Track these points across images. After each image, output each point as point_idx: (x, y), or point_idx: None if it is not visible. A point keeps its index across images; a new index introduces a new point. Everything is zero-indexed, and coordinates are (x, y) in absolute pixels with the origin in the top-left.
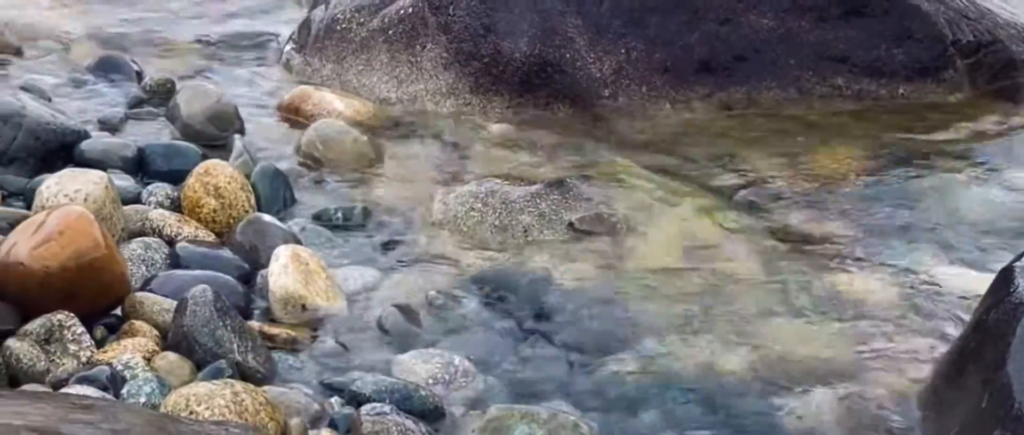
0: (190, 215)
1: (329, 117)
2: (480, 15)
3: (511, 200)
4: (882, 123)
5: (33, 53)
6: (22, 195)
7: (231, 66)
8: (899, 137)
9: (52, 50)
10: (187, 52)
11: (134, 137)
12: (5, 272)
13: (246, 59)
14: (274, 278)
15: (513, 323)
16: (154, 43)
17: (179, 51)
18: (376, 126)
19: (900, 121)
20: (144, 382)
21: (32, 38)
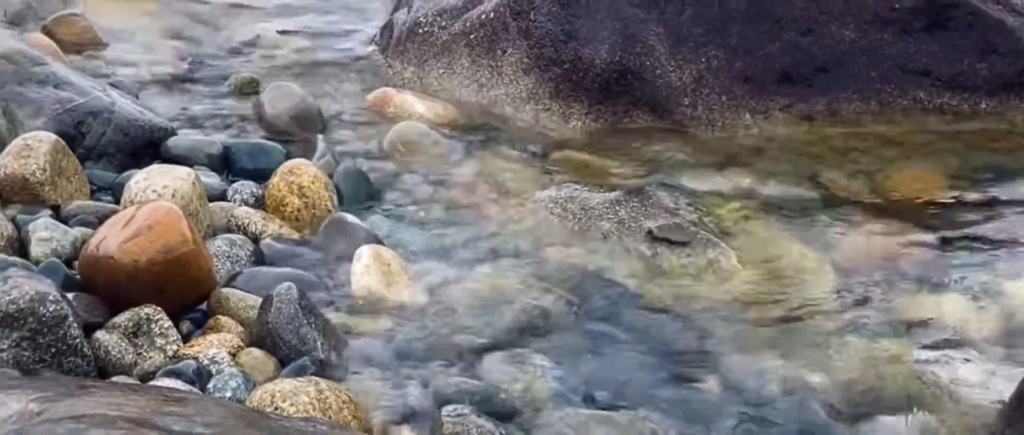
0: (274, 213)
1: (410, 119)
2: (561, 21)
3: (590, 206)
4: (964, 139)
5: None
6: (110, 190)
7: (314, 66)
8: (982, 153)
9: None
10: (271, 51)
11: (219, 135)
12: (95, 265)
13: (329, 60)
14: (356, 277)
15: (591, 328)
16: (239, 41)
17: (264, 50)
18: (456, 129)
19: (982, 137)
20: (230, 377)
21: (119, 34)
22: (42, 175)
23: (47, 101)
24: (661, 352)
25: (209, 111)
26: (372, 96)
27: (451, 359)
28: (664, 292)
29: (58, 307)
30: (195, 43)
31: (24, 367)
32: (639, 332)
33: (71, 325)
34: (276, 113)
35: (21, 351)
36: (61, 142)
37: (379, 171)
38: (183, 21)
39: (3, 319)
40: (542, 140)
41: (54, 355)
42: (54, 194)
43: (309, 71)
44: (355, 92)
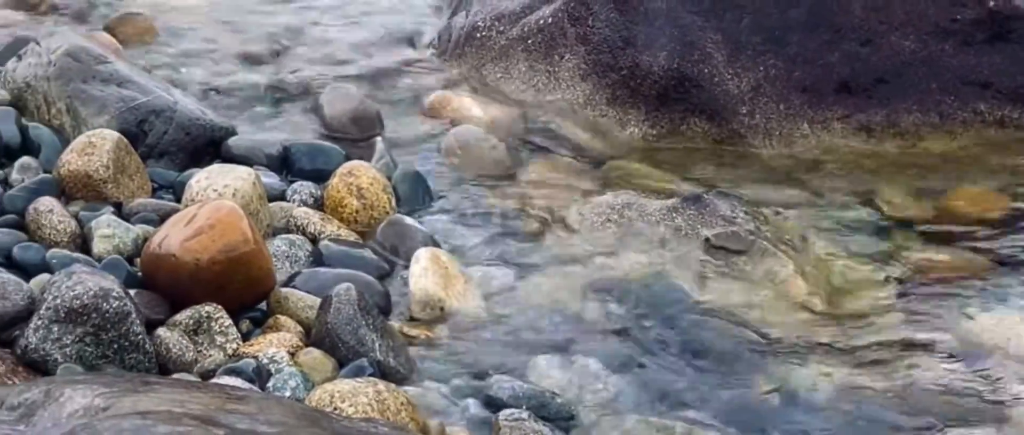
0: (333, 214)
1: (468, 123)
2: (619, 27)
3: (647, 212)
4: None
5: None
6: (172, 188)
7: (373, 68)
8: None
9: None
10: (330, 51)
11: (279, 135)
12: (157, 263)
13: (388, 62)
14: (414, 279)
15: (647, 334)
16: (298, 41)
17: (322, 50)
18: (513, 133)
19: None
20: (289, 376)
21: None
22: (105, 172)
23: (110, 99)
24: (718, 360)
25: (269, 110)
26: (430, 99)
27: (508, 363)
28: (721, 300)
29: (121, 303)
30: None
31: (87, 362)
32: (696, 340)
33: (134, 321)
34: (335, 114)
35: (84, 346)
36: (124, 140)
37: (436, 174)
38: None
39: (67, 314)
40: (599, 146)
41: (116, 351)
42: (117, 191)
43: (368, 73)
44: (413, 95)
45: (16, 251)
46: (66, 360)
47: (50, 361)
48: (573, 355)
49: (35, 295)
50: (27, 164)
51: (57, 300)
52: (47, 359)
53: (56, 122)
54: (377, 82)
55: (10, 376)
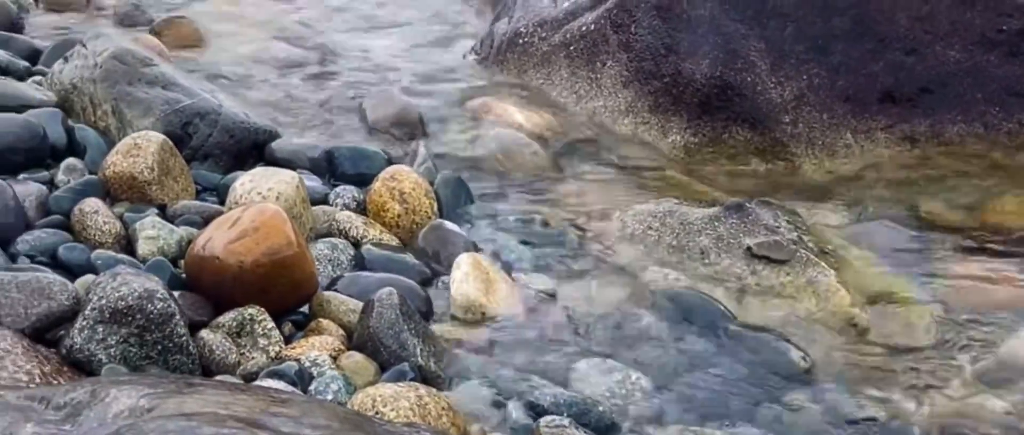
0: (375, 218)
1: (509, 128)
2: (662, 35)
3: (689, 221)
4: None
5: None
6: (215, 190)
7: (416, 72)
8: None
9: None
10: (373, 56)
11: (321, 138)
12: (201, 265)
13: (430, 67)
14: (455, 285)
15: (688, 344)
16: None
17: (365, 54)
18: (555, 140)
19: None
20: (331, 380)
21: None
22: (150, 174)
23: (156, 101)
24: (758, 371)
25: (311, 114)
26: (472, 104)
27: (549, 370)
28: (762, 310)
29: (165, 305)
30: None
31: (131, 363)
32: (737, 350)
33: (178, 323)
34: (377, 118)
35: (128, 347)
36: (169, 142)
37: (478, 179)
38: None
39: (112, 315)
40: (640, 153)
41: (160, 352)
42: (161, 193)
43: (410, 78)
44: (455, 100)
45: (61, 251)
46: (110, 361)
47: (94, 361)
48: (614, 364)
49: (80, 295)
50: (73, 165)
51: (102, 301)
52: (92, 359)
53: (102, 124)
54: (419, 87)
55: (55, 376)
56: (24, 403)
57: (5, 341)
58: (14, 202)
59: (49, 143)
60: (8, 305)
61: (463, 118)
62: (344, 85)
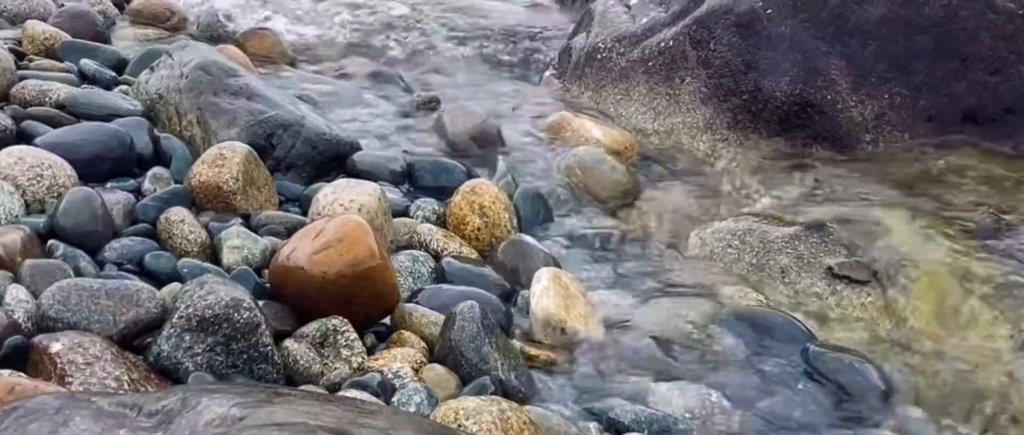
0: (455, 231)
1: (587, 144)
2: (741, 51)
3: (769, 240)
4: None
5: (307, 64)
6: (298, 201)
7: (494, 86)
8: None
9: (325, 62)
10: (452, 69)
11: (402, 151)
12: (285, 275)
13: (508, 80)
14: (535, 299)
15: (768, 364)
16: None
17: (445, 68)
18: (633, 156)
19: None
20: (413, 392)
21: (306, 49)
22: (235, 184)
23: (240, 112)
24: (838, 393)
25: (392, 127)
26: (550, 119)
27: (628, 387)
28: (843, 331)
29: (252, 314)
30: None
31: (217, 372)
32: (817, 371)
33: (263, 333)
34: (457, 132)
35: (214, 356)
36: (253, 153)
37: (556, 194)
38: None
39: (199, 324)
40: (719, 171)
41: (246, 361)
42: (245, 203)
43: (488, 92)
44: (533, 115)
45: (148, 259)
46: (197, 369)
47: (181, 369)
48: (693, 383)
49: (167, 303)
50: (159, 174)
51: (189, 309)
52: (178, 367)
53: (187, 133)
54: (498, 101)
55: (143, 383)
56: (116, 409)
57: (95, 347)
58: (102, 210)
59: (136, 152)
60: (97, 312)
61: (541, 133)
62: (424, 97)
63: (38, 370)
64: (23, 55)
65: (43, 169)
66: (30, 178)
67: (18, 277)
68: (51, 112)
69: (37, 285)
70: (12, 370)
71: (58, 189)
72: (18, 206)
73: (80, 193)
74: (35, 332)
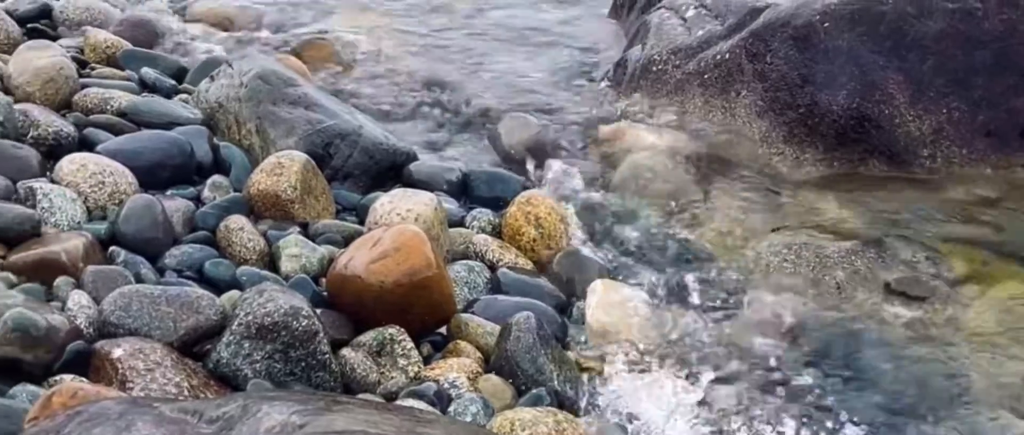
0: (510, 242)
1: (643, 155)
2: (798, 65)
3: (825, 254)
4: None
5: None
6: (355, 210)
7: (550, 97)
8: None
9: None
10: (507, 80)
11: (457, 161)
12: (342, 284)
13: (564, 91)
14: (590, 311)
15: (825, 377)
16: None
17: (500, 78)
18: (688, 168)
19: None
20: (470, 402)
21: (363, 58)
22: (293, 193)
23: (298, 121)
24: (895, 409)
25: (448, 136)
26: (605, 131)
27: (681, 398)
28: (901, 347)
29: (310, 322)
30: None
31: (275, 379)
32: (875, 386)
33: (321, 341)
34: (512, 142)
35: (273, 363)
36: (311, 162)
37: (612, 206)
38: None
39: (258, 331)
40: (774, 184)
41: (304, 369)
42: (303, 212)
43: (544, 102)
44: (589, 126)
45: (207, 266)
46: (256, 376)
47: (240, 376)
48: (752, 393)
49: (226, 311)
50: (218, 182)
51: (249, 316)
52: (237, 374)
53: (246, 142)
54: (553, 112)
55: (202, 389)
56: (178, 416)
57: (156, 353)
58: (163, 217)
59: (196, 160)
60: (158, 318)
61: (597, 144)
62: (480, 107)
63: (100, 375)
64: (85, 63)
65: (105, 176)
66: (92, 185)
67: (80, 283)
68: (113, 120)
69: (99, 291)
70: (74, 375)
71: (119, 196)
72: (80, 212)
73: (141, 200)
74: (97, 338)
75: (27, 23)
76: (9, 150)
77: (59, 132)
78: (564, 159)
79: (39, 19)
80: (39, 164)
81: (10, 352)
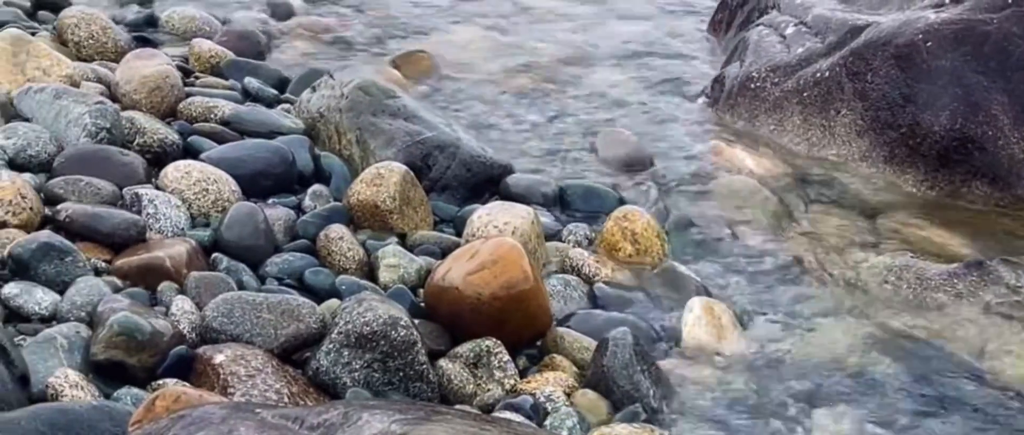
0: (606, 256)
1: (740, 173)
2: (899, 85)
3: (926, 276)
4: None
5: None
6: (452, 222)
7: (647, 112)
8: None
9: (479, 83)
10: (604, 93)
11: (553, 175)
12: (440, 295)
13: (660, 107)
14: (687, 328)
15: (926, 399)
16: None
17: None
18: (786, 186)
19: None
20: (566, 416)
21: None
22: (392, 203)
23: (398, 133)
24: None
25: (544, 149)
26: (702, 147)
27: (780, 417)
28: (1004, 371)
29: (409, 332)
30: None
31: (373, 388)
32: (977, 411)
33: (419, 351)
34: (609, 156)
35: (372, 372)
36: (410, 173)
37: (708, 222)
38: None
39: (358, 340)
40: (874, 204)
41: (402, 379)
42: (401, 223)
43: (641, 117)
44: (685, 142)
45: (308, 275)
46: (354, 384)
47: (339, 384)
48: (847, 415)
49: (326, 319)
50: (319, 192)
51: (349, 325)
52: (336, 382)
53: (346, 152)
54: (649, 127)
55: (302, 396)
56: (279, 422)
57: (257, 359)
58: (264, 225)
59: (297, 169)
60: (259, 325)
61: (693, 160)
62: (576, 121)
63: (201, 380)
64: (190, 72)
65: (208, 183)
66: (196, 192)
67: (184, 289)
68: (216, 128)
69: (202, 297)
70: (177, 379)
71: (222, 203)
72: (184, 219)
73: (244, 208)
74: (199, 343)
75: (134, 32)
76: (116, 156)
77: (164, 139)
78: (661, 175)
79: (145, 28)
80: (145, 171)
81: (115, 355)
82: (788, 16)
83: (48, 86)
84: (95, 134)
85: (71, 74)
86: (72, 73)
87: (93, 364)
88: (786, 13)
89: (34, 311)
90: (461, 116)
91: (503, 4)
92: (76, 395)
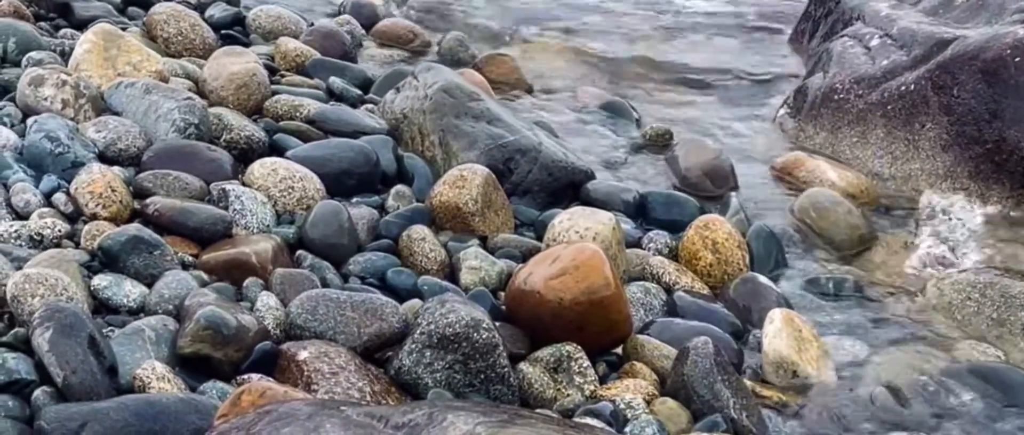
0: (687, 266)
1: (822, 186)
2: (986, 100)
3: (1011, 294)
4: None
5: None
6: (532, 226)
7: (726, 122)
8: None
9: (561, 89)
10: (686, 102)
11: (633, 182)
12: (521, 299)
13: (741, 116)
14: (768, 340)
15: (1006, 423)
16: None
17: (678, 101)
18: (868, 200)
19: None
20: (646, 424)
21: (543, 78)
22: (474, 206)
23: (480, 135)
24: None
25: (624, 157)
26: (783, 159)
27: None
28: None
29: (490, 335)
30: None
31: (454, 389)
32: None
33: (501, 354)
34: (689, 166)
35: (453, 374)
36: (492, 176)
37: (789, 235)
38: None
39: (440, 341)
40: (958, 220)
41: (483, 381)
42: (483, 225)
43: (721, 128)
44: (765, 153)
45: (390, 275)
46: (436, 385)
47: (420, 385)
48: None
49: (408, 319)
50: (401, 192)
51: (431, 326)
52: (418, 382)
53: (429, 154)
54: (730, 137)
55: (384, 395)
56: (364, 420)
57: (340, 357)
58: (348, 224)
59: (380, 169)
60: (343, 323)
61: (774, 172)
62: (657, 129)
63: (285, 376)
64: (276, 71)
65: (294, 181)
66: (281, 189)
67: (269, 285)
68: (301, 127)
69: (286, 293)
70: (262, 374)
71: (307, 201)
72: (270, 216)
73: (328, 206)
74: (283, 339)
75: (221, 29)
76: (204, 152)
77: (251, 136)
78: (741, 185)
79: (232, 26)
80: (231, 167)
81: (202, 349)
82: (873, 28)
83: (138, 81)
84: (183, 129)
85: (160, 70)
86: (161, 69)
87: (179, 357)
88: (871, 25)
89: (123, 303)
90: (543, 120)
91: (587, 15)
92: (163, 387)
